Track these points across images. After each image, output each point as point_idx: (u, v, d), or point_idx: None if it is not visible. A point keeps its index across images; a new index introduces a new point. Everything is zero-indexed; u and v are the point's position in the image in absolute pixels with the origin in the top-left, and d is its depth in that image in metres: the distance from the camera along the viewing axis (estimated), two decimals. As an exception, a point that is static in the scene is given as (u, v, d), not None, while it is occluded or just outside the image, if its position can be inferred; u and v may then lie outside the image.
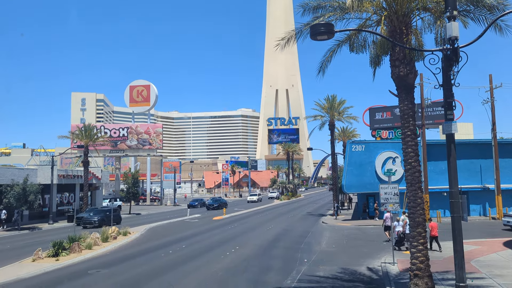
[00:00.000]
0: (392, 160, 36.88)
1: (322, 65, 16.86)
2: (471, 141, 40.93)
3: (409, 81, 13.22)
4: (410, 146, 13.04)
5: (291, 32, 16.18)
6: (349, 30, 13.88)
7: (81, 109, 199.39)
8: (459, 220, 10.45)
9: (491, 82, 35.60)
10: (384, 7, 13.58)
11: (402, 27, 13.17)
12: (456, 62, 10.35)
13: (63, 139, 54.73)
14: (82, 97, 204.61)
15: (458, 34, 10.11)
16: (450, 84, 10.57)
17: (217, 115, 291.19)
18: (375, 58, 15.29)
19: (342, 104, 47.19)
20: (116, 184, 72.65)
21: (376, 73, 16.38)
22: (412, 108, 13.31)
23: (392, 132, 44.46)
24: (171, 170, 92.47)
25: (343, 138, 60.75)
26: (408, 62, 13.15)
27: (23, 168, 46.43)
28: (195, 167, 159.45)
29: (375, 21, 14.85)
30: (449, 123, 10.60)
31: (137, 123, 77.98)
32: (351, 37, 15.86)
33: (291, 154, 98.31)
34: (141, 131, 71.97)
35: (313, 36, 10.17)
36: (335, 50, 16.62)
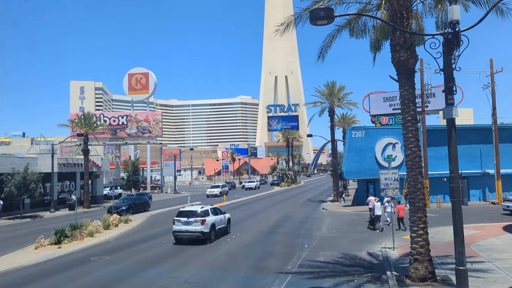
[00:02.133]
0: (392, 146, 36.88)
1: (322, 50, 16.71)
2: (471, 126, 40.88)
3: (409, 66, 13.12)
4: (410, 132, 13.01)
5: (290, 17, 16.00)
6: (349, 14, 13.71)
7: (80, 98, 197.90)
8: (459, 205, 10.48)
9: (491, 67, 35.41)
10: (385, -9, 13.42)
11: (403, 11, 13.02)
12: (457, 46, 10.26)
13: (62, 127, 54.56)
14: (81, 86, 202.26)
15: (459, 18, 10.00)
16: (451, 69, 10.49)
17: (217, 102, 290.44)
18: (375, 43, 15.16)
19: (342, 90, 46.98)
20: (117, 172, 72.81)
21: (376, 58, 16.26)
22: (412, 93, 13.24)
23: (392, 118, 44.36)
24: (171, 158, 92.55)
25: (343, 124, 60.64)
26: (408, 46, 13.03)
27: (24, 157, 46.45)
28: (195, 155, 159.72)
29: (375, 5, 14.69)
30: (449, 107, 10.56)
31: (136, 111, 77.81)
32: (351, 22, 15.70)
33: (291, 141, 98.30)
34: (140, 119, 71.86)
35: (313, 21, 10.06)
36: (335, 35, 16.46)
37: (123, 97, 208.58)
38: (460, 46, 10.19)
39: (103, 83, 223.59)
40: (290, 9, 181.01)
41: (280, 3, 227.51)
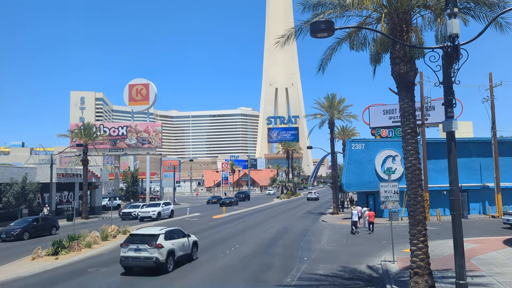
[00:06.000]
0: (392, 158, 36.85)
1: (322, 63, 16.80)
2: (471, 140, 40.90)
3: (409, 79, 13.18)
4: (410, 144, 13.01)
5: (291, 30, 16.12)
6: (349, 27, 13.82)
7: (80, 108, 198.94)
8: (459, 218, 10.42)
9: (491, 80, 35.56)
10: (384, 5, 13.53)
11: (403, 24, 13.13)
12: (456, 59, 10.31)
13: (62, 137, 54.72)
14: (81, 96, 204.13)
15: (458, 31, 10.07)
16: (451, 82, 10.53)
17: (217, 113, 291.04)
18: (375, 56, 15.24)
19: (341, 102, 47.14)
20: (116, 183, 72.61)
21: (376, 70, 16.34)
22: (412, 106, 13.27)
23: (391, 130, 44.40)
24: (170, 169, 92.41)
25: (342, 136, 60.68)
26: (408, 59, 13.10)
27: (22, 167, 46.38)
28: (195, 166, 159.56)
29: (375, 19, 14.80)
30: (449, 120, 10.57)
31: (136, 121, 77.90)
32: (351, 35, 15.81)
33: (291, 153, 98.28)
34: (140, 130, 71.91)
35: (313, 33, 10.14)
36: (335, 47, 16.57)
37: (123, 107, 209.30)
38: (459, 59, 10.25)
39: (103, 93, 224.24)
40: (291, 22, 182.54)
41: (280, 16, 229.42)
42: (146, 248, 16.31)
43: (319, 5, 15.64)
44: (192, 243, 19.43)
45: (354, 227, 28.51)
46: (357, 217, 28.73)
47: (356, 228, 28.56)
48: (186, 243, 18.79)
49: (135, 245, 16.54)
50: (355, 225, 28.55)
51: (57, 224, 32.19)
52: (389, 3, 13.41)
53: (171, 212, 44.69)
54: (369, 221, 28.89)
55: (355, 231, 28.34)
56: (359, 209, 30.49)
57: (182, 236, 18.72)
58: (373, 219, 28.90)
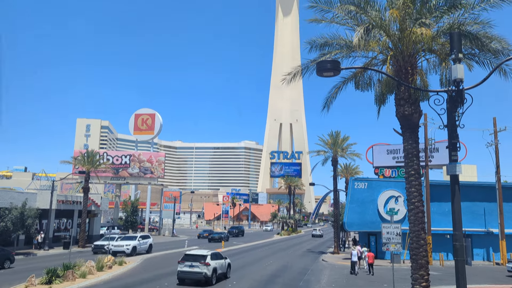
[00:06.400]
0: (394, 199, 36.49)
1: (327, 101, 16.98)
2: (475, 184, 40.58)
3: (413, 121, 13.26)
4: (413, 186, 12.91)
5: (297, 68, 16.39)
6: (355, 68, 14.06)
7: (85, 135, 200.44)
8: (462, 264, 10.17)
9: (495, 125, 35.68)
10: (390, 47, 13.81)
11: (408, 67, 13.34)
12: (461, 103, 10.39)
13: (65, 164, 54.74)
14: (87, 123, 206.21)
15: (463, 76, 10.20)
16: (455, 126, 10.56)
17: (221, 146, 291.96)
18: (380, 97, 15.41)
19: (345, 140, 47.25)
20: (115, 212, 71.99)
21: (380, 111, 16.48)
22: (416, 148, 13.28)
23: (395, 171, 44.22)
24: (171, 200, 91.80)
25: (345, 174, 60.45)
26: (413, 101, 13.23)
27: (23, 192, 46.20)
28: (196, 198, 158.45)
29: (381, 60, 15.07)
30: (453, 164, 10.52)
31: (140, 151, 78.15)
32: (356, 75, 16.06)
33: (293, 189, 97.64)
34: (143, 159, 72.01)
35: (319, 72, 10.30)
36: (341, 87, 16.79)
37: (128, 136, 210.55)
38: (463, 104, 10.32)
39: (109, 122, 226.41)
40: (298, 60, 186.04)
41: (288, 53, 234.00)
42: (198, 265, 21.23)
43: (326, 45, 15.98)
44: (227, 264, 24.23)
45: (354, 268, 28.06)
46: (357, 258, 28.33)
47: (355, 269, 28.06)
48: (224, 264, 23.64)
49: (189, 262, 21.46)
50: (354, 265, 28.16)
51: (12, 257, 29.12)
52: (394, 46, 13.69)
53: (149, 247, 39.77)
54: (368, 262, 28.48)
55: (355, 272, 27.84)
56: (359, 249, 30.20)
57: (221, 258, 23.44)
58: (373, 261, 28.51)
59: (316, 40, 16.04)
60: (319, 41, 15.98)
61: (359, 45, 13.56)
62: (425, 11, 13.17)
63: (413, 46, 13.15)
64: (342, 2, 14.59)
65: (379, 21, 13.60)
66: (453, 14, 13.17)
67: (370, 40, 14.05)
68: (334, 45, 15.87)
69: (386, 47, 14.33)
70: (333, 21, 15.19)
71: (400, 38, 13.06)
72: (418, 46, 13.33)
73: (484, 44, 12.51)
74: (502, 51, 12.44)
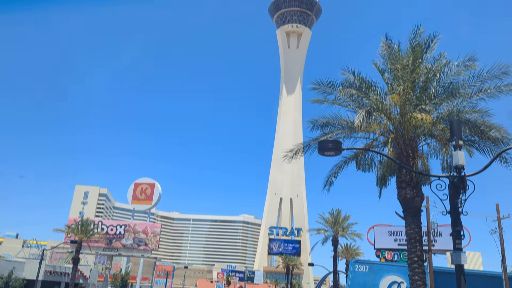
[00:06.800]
0: (397, 285, 34.83)
1: (328, 179, 16.90)
2: (480, 273, 38.97)
3: (415, 205, 13.04)
4: (417, 274, 12.36)
5: (299, 145, 16.53)
6: (356, 148, 14.16)
7: (82, 203, 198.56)
8: None
9: (498, 212, 35.09)
10: (391, 130, 14.02)
11: (409, 150, 13.42)
12: (463, 190, 10.24)
13: (57, 232, 53.23)
14: (86, 191, 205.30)
15: (464, 163, 10.17)
16: (458, 212, 10.33)
17: (218, 219, 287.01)
18: (382, 178, 15.33)
19: (346, 219, 46.44)
20: (104, 286, 68.69)
21: (382, 191, 16.31)
22: (419, 233, 12.92)
23: (397, 253, 42.83)
24: (163, 275, 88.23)
25: (346, 255, 58.49)
26: (414, 185, 13.12)
27: (11, 260, 44.63)
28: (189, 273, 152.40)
29: (382, 142, 15.22)
30: (458, 253, 10.12)
31: (136, 221, 76.66)
32: (358, 155, 16.13)
33: (291, 268, 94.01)
34: (138, 230, 70.35)
35: (321, 151, 10.31)
36: (342, 166, 16.80)
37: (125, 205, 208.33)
38: (466, 190, 10.18)
39: (108, 189, 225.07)
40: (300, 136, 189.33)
41: (290, 129, 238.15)
42: None
43: (327, 124, 16.25)
44: None
45: None
46: None
47: None
48: None
49: None
50: None
51: None
52: (395, 129, 13.90)
53: None
54: None
55: None
56: None
57: None
58: None
59: (318, 120, 16.35)
60: (321, 120, 16.28)
61: (360, 126, 13.79)
62: (425, 98, 13.56)
63: (413, 130, 13.33)
64: (344, 86, 15.09)
65: (380, 105, 13.96)
66: (452, 102, 13.55)
67: (371, 122, 14.31)
68: (335, 125, 16.14)
69: (387, 129, 14.55)
70: (335, 102, 15.60)
71: (401, 122, 13.30)
72: (419, 131, 13.53)
73: (484, 132, 12.69)
74: (502, 140, 12.58)
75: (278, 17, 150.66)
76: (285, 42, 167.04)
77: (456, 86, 13.70)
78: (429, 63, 14.75)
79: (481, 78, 13.20)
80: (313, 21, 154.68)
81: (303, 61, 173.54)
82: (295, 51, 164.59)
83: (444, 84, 14.24)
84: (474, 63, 13.34)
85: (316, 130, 16.44)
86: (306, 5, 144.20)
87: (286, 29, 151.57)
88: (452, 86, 13.91)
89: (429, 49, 14.81)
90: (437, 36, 14.80)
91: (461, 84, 13.64)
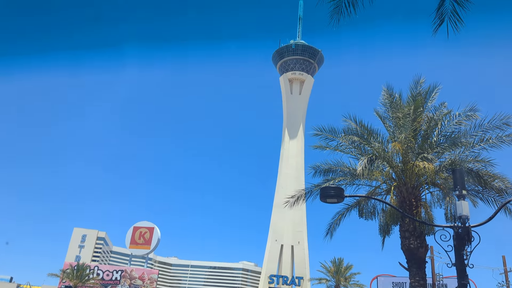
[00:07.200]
0: None
1: (330, 227, 16.64)
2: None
3: (419, 255, 12.72)
4: (424, 330, 11.82)
5: (301, 191, 16.40)
6: (358, 196, 14.03)
7: (79, 246, 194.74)
8: None
9: (505, 265, 34.16)
10: (394, 178, 13.94)
11: (412, 199, 13.27)
12: (468, 241, 10.00)
13: (52, 277, 51.82)
14: (84, 234, 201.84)
15: (468, 214, 9.99)
16: (464, 265, 10.02)
17: (217, 265, 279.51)
18: (385, 227, 15.06)
19: (349, 269, 45.25)
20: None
21: (385, 241, 15.97)
22: (424, 285, 12.51)
23: (401, 306, 41.28)
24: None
25: (348, 307, 56.43)
26: (418, 235, 12.86)
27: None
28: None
29: (384, 190, 15.09)
30: (466, 307, 9.72)
31: (133, 266, 74.86)
32: (360, 203, 15.95)
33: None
34: (135, 276, 68.46)
35: (323, 198, 10.20)
36: (344, 214, 16.59)
37: (123, 249, 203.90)
38: (471, 242, 9.93)
39: (106, 233, 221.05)
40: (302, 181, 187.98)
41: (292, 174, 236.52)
42: None
43: (329, 171, 16.20)
44: None
45: None
46: None
47: None
48: None
49: None
50: None
51: None
52: (398, 177, 13.82)
53: None
54: None
55: None
56: None
57: None
58: None
59: (320, 166, 16.31)
60: (323, 167, 16.24)
61: (362, 174, 13.74)
62: (427, 146, 13.59)
63: (416, 179, 13.26)
64: (346, 132, 15.18)
65: (382, 153, 13.96)
66: (454, 151, 13.56)
67: (374, 169, 14.27)
68: (337, 172, 16.08)
69: (390, 177, 14.47)
70: (337, 149, 15.63)
71: (403, 170, 13.25)
72: (421, 179, 13.44)
73: (487, 182, 12.60)
74: (506, 190, 12.45)
75: (281, 65, 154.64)
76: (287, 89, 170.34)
77: (457, 136, 13.77)
78: (430, 112, 14.92)
79: (483, 128, 13.29)
80: (315, 69, 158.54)
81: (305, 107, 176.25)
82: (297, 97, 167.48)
83: (446, 133, 14.33)
84: (475, 113, 13.49)
85: (318, 176, 16.37)
86: (309, 53, 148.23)
87: (289, 76, 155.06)
88: (453, 135, 13.99)
89: (430, 99, 15.04)
90: (437, 86, 15.09)
91: (463, 133, 13.73)
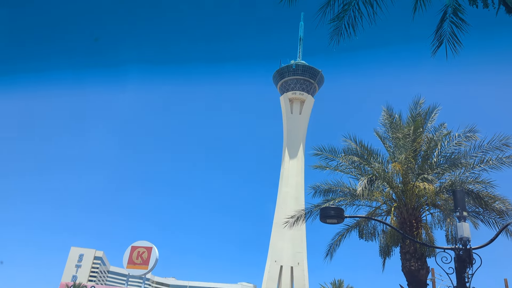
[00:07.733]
0: None
1: (330, 248, 16.50)
2: None
3: (420, 278, 12.57)
4: None
5: (300, 211, 16.33)
6: (358, 217, 13.95)
7: (76, 265, 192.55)
8: None
9: (507, 286, 33.66)
10: (394, 199, 13.89)
11: (412, 220, 13.20)
12: (470, 264, 9.89)
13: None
14: (81, 253, 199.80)
15: (469, 236, 9.91)
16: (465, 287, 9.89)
17: (215, 286, 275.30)
18: (385, 248, 14.92)
19: (349, 291, 44.58)
20: None
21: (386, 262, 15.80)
22: (426, 308, 12.31)
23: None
24: None
25: (349, 330, 55.31)
26: (419, 256, 12.73)
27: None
28: None
29: (385, 211, 15.02)
30: (468, 332, 9.55)
31: (130, 287, 73.80)
32: (360, 224, 15.86)
33: None
34: (132, 296, 67.48)
35: (323, 219, 10.15)
36: (344, 234, 16.48)
37: (120, 269, 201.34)
38: (473, 264, 9.83)
39: (103, 252, 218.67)
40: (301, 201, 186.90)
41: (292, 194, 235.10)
42: None
43: (329, 191, 16.16)
44: None
45: None
46: None
47: None
48: None
49: None
50: None
51: None
52: (398, 198, 13.77)
53: None
54: None
55: None
56: None
57: None
58: None
59: (320, 186, 16.27)
60: (323, 187, 16.20)
61: (362, 194, 13.71)
62: (427, 167, 13.59)
63: (416, 200, 13.20)
64: (346, 152, 15.20)
65: (382, 173, 13.95)
66: (454, 172, 13.55)
67: (374, 190, 14.23)
68: (337, 192, 16.03)
69: (390, 198, 14.42)
70: (337, 168, 15.62)
71: (404, 191, 13.22)
72: (422, 200, 13.39)
73: (488, 204, 12.55)
74: (507, 212, 12.40)
75: (282, 85, 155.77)
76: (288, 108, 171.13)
77: (457, 156, 13.79)
78: (430, 133, 14.97)
79: (482, 149, 13.32)
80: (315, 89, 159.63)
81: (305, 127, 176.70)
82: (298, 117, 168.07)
83: (446, 154, 14.35)
84: (475, 134, 13.55)
85: (318, 196, 16.31)
86: (309, 74, 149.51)
87: (290, 96, 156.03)
88: (453, 156, 14.01)
89: (430, 119, 15.11)
90: (437, 107, 15.18)
91: (463, 154, 13.75)
